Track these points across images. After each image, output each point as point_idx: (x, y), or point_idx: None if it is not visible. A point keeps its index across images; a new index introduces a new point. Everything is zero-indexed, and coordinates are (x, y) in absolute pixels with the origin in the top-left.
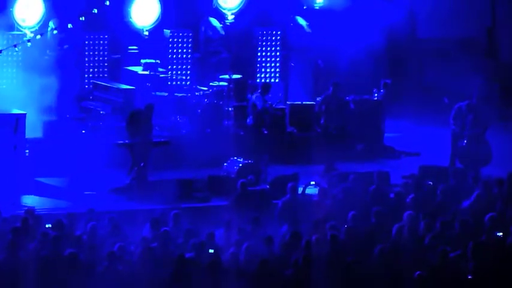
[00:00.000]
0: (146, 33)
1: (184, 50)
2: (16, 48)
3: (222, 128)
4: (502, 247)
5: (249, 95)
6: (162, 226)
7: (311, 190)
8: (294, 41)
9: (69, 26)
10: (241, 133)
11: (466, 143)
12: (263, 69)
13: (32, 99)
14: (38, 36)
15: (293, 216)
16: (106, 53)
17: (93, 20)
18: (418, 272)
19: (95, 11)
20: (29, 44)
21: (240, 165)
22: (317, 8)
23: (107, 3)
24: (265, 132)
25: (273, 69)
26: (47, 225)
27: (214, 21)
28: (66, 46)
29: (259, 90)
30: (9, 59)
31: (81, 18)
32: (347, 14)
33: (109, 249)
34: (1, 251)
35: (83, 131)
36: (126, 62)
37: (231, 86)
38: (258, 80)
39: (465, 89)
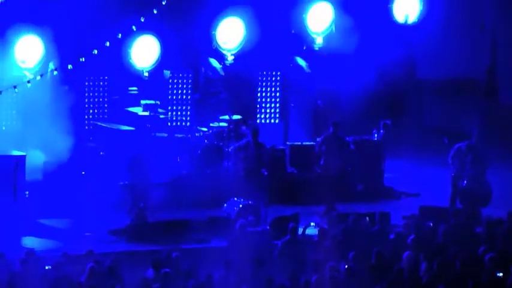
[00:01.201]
0: (146, 74)
1: (184, 91)
2: (16, 90)
3: (222, 169)
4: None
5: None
6: (162, 267)
7: (311, 231)
8: (293, 81)
9: (69, 67)
10: (241, 174)
11: (466, 183)
12: (263, 110)
13: (32, 141)
14: (38, 77)
15: (293, 257)
16: (106, 94)
17: (93, 61)
18: None
19: (95, 52)
20: (29, 85)
21: (240, 205)
22: (317, 49)
23: (107, 44)
24: (265, 173)
25: (272, 110)
26: (46, 267)
27: (214, 62)
28: (66, 87)
29: (249, 138)
30: (9, 100)
31: (81, 59)
32: (346, 55)
33: None
34: None
35: (83, 172)
36: (126, 103)
37: (230, 126)
38: (257, 121)
39: (465, 129)
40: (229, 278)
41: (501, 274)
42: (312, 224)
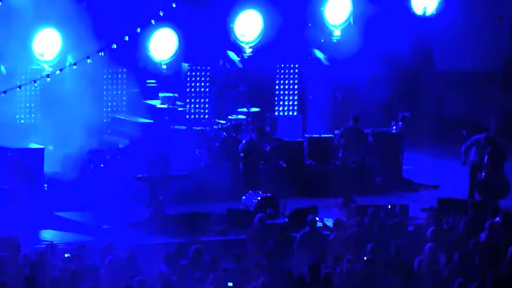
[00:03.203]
0: (164, 67)
1: (203, 84)
2: (36, 84)
3: (240, 161)
4: None
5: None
6: (180, 260)
7: (329, 222)
8: (311, 74)
9: (89, 61)
10: (260, 166)
11: (484, 175)
12: (281, 102)
13: (51, 134)
14: (58, 72)
15: (312, 249)
16: (125, 86)
17: (111, 55)
18: None
19: (114, 46)
20: (49, 79)
21: (259, 198)
22: (335, 41)
23: (126, 38)
24: (284, 165)
25: (290, 102)
26: (66, 255)
27: (232, 55)
28: (84, 80)
29: (253, 135)
30: (28, 93)
31: (100, 54)
32: (364, 47)
33: (127, 283)
34: (19, 285)
35: (102, 165)
36: (144, 96)
37: (249, 119)
38: (276, 113)
39: (482, 121)
40: (247, 271)
41: None
42: (317, 219)
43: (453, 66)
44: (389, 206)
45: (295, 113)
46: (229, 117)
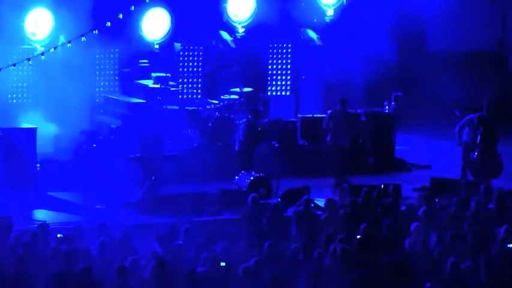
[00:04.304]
0: (157, 46)
1: (195, 64)
2: (30, 62)
3: (233, 141)
4: None
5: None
6: (173, 240)
7: (321, 203)
8: (304, 54)
9: (83, 39)
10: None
11: (476, 155)
12: (274, 82)
13: (43, 114)
14: (52, 50)
15: (305, 229)
16: (117, 66)
17: (104, 34)
18: (428, 284)
19: (108, 24)
20: (43, 57)
21: (252, 178)
22: (327, 21)
23: (120, 16)
24: (276, 145)
25: (283, 82)
26: (58, 235)
27: (225, 35)
28: (77, 60)
29: (249, 116)
30: (20, 73)
31: (94, 32)
32: (357, 27)
33: (119, 263)
34: (12, 265)
35: (94, 145)
36: (137, 76)
37: (241, 99)
38: (269, 93)
39: (476, 101)
40: (240, 251)
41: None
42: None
43: (446, 47)
44: (382, 186)
45: (288, 93)
46: (222, 97)
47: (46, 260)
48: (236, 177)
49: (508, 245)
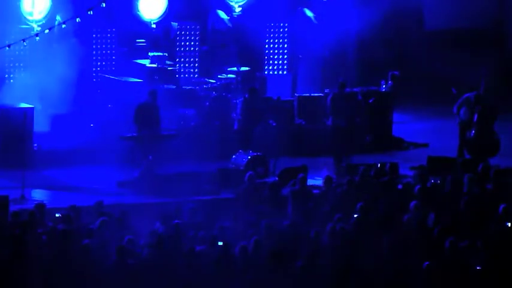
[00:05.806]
0: (154, 26)
1: (192, 43)
2: (24, 43)
3: (230, 121)
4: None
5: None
6: (172, 219)
7: (319, 181)
8: (301, 33)
9: (78, 19)
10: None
11: (474, 133)
12: (271, 62)
13: (40, 93)
14: (47, 31)
15: (302, 207)
16: (114, 46)
17: (101, 14)
18: (426, 263)
19: (103, 5)
20: (38, 38)
21: (249, 157)
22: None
23: None
24: (273, 124)
25: (280, 61)
26: (57, 215)
27: (222, 14)
28: (74, 39)
29: (246, 95)
30: (17, 53)
31: (89, 12)
32: (353, 5)
33: (118, 243)
34: (9, 245)
35: (91, 125)
36: (134, 55)
37: (238, 78)
38: (266, 72)
39: (473, 79)
40: (238, 229)
41: (510, 224)
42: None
43: (443, 25)
44: (379, 165)
45: (285, 72)
46: (219, 76)
47: (43, 239)
48: (233, 156)
49: (507, 224)
